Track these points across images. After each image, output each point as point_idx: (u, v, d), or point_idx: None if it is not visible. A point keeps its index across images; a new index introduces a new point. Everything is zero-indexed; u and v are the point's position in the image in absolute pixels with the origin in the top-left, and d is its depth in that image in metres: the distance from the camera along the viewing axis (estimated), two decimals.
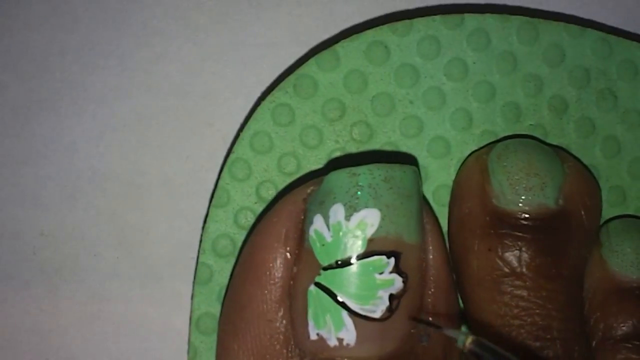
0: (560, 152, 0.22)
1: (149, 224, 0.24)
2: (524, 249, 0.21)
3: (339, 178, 0.20)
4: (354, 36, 0.22)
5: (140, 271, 0.24)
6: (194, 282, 0.23)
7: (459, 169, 0.23)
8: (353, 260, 0.19)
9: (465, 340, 0.18)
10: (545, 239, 0.21)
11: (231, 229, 0.23)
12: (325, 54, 0.23)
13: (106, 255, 0.24)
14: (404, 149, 0.23)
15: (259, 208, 0.23)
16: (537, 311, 0.20)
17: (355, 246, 0.19)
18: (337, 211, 0.19)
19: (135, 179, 0.24)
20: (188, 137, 0.24)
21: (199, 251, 0.23)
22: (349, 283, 0.19)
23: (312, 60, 0.23)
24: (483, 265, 0.21)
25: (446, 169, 0.23)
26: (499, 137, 0.23)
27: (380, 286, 0.19)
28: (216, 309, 0.23)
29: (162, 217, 0.24)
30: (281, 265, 0.20)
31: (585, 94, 0.23)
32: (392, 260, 0.19)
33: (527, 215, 0.21)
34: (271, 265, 0.20)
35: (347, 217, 0.19)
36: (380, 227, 0.19)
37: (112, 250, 0.24)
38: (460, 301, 0.22)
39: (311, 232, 0.20)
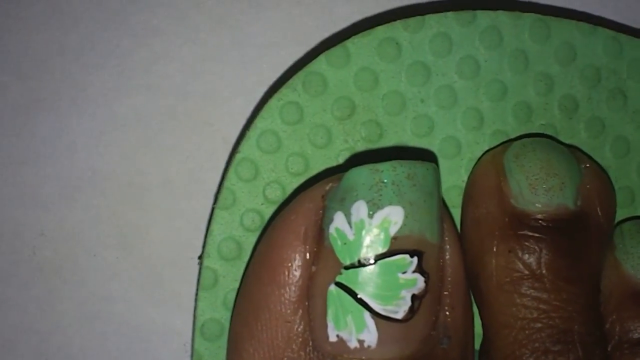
0: (576, 152, 0.22)
1: (149, 224, 0.24)
2: (544, 250, 0.20)
3: (361, 174, 0.19)
4: (365, 32, 0.22)
5: (140, 271, 0.24)
6: (197, 287, 0.22)
7: (474, 168, 0.22)
8: (376, 259, 0.18)
9: None
10: (565, 241, 0.20)
11: (237, 232, 0.22)
12: (335, 51, 0.22)
13: (106, 256, 0.24)
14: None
15: (266, 210, 0.22)
16: (558, 314, 0.20)
17: (378, 244, 0.18)
18: (360, 208, 0.19)
19: (135, 179, 0.24)
20: (188, 137, 0.24)
21: (202, 254, 0.22)
22: (372, 282, 0.18)
23: (321, 57, 0.22)
24: (502, 267, 0.20)
25: (457, 170, 0.22)
26: (510, 137, 0.22)
27: (403, 286, 0.18)
28: (221, 315, 0.22)
29: (162, 218, 0.24)
30: (300, 264, 0.19)
31: (596, 94, 0.22)
32: (415, 259, 0.19)
33: (546, 216, 0.20)
34: (290, 264, 0.20)
35: (370, 215, 0.19)
36: (404, 225, 0.19)
37: (112, 250, 0.24)
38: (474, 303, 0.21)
39: (331, 230, 0.19)
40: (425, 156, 0.22)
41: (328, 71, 0.22)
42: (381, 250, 0.18)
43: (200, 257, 0.23)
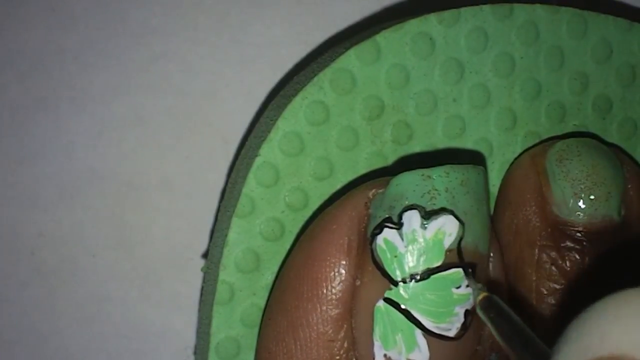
0: (618, 154, 0.20)
1: (148, 225, 0.23)
2: (587, 263, 0.18)
3: (412, 180, 0.17)
4: (397, 26, 0.19)
5: (139, 272, 0.23)
6: (202, 296, 0.21)
7: (510, 170, 0.20)
8: (429, 274, 0.17)
9: (478, 295, 0.16)
10: (608, 252, 0.19)
11: (255, 242, 0.20)
12: (365, 45, 0.19)
13: (105, 256, 0.23)
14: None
15: (287, 218, 0.20)
16: None
17: (432, 258, 0.17)
18: (412, 218, 0.17)
19: (134, 179, 0.24)
20: (187, 137, 0.23)
21: (208, 262, 0.21)
22: (425, 299, 0.17)
23: (351, 52, 0.19)
24: (543, 279, 0.19)
25: (488, 174, 0.20)
26: (542, 139, 0.21)
27: (457, 302, 0.17)
28: (238, 332, 0.20)
29: (161, 218, 0.23)
30: (344, 279, 0.18)
31: (630, 93, 0.21)
32: (469, 272, 0.17)
33: (591, 229, 0.18)
34: (332, 278, 0.18)
35: (424, 225, 0.17)
36: (458, 236, 0.17)
37: (111, 251, 0.23)
38: None
39: (380, 242, 0.17)
40: (463, 158, 0.21)
41: (357, 68, 0.19)
42: (435, 264, 0.17)
43: (205, 267, 0.21)
